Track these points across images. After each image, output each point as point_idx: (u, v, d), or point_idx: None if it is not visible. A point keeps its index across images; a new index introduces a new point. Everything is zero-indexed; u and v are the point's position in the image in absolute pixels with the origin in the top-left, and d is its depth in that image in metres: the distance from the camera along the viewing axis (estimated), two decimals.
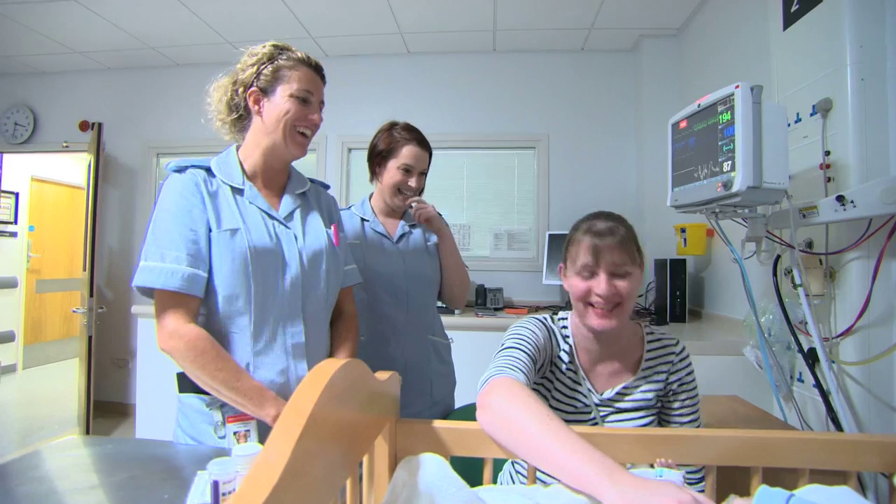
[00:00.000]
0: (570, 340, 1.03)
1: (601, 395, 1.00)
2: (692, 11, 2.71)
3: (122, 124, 3.55)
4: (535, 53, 3.28)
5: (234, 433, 0.96)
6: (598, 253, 0.94)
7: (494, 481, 1.04)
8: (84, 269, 3.08)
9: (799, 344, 1.40)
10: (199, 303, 0.97)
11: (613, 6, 2.70)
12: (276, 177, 1.11)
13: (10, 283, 4.61)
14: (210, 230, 0.98)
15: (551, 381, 1.02)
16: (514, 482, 1.04)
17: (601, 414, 1.00)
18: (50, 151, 3.71)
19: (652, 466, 0.73)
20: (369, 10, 2.80)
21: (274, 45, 1.07)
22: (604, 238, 0.95)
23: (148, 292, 0.96)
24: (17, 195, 4.64)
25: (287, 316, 1.02)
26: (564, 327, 1.05)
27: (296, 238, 1.06)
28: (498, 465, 1.09)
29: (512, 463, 1.08)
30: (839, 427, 1.26)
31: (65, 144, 3.58)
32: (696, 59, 2.71)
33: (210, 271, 0.97)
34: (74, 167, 5.23)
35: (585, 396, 1.00)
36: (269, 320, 1.00)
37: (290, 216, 1.08)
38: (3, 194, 4.47)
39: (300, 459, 0.42)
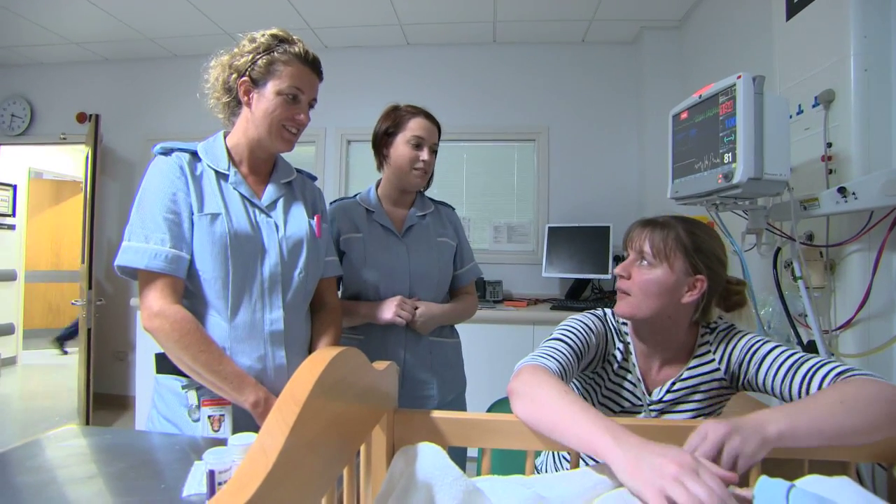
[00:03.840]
0: (629, 338, 1.02)
1: (651, 395, 0.98)
2: (694, 3, 2.68)
3: (120, 116, 3.52)
4: (535, 45, 3.25)
5: (209, 417, 0.97)
6: (629, 235, 0.98)
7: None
8: (83, 262, 3.07)
9: (798, 337, 1.40)
10: (182, 284, 0.97)
11: None
12: (262, 165, 1.11)
13: (9, 276, 4.61)
14: (192, 213, 0.98)
15: (602, 377, 1.02)
16: (556, 469, 1.03)
17: (652, 413, 0.98)
18: (47, 143, 3.70)
19: None
20: (369, 0, 2.77)
21: (273, 35, 1.05)
22: (645, 226, 0.96)
23: (130, 272, 0.96)
24: (14, 187, 4.63)
25: (266, 303, 1.02)
26: (624, 323, 1.03)
27: (277, 227, 1.06)
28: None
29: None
30: None
31: (62, 136, 3.55)
32: (698, 50, 2.69)
33: (191, 254, 0.97)
34: (72, 159, 5.22)
35: (637, 396, 0.99)
36: (247, 306, 1.00)
37: (272, 205, 1.08)
38: (0, 187, 4.46)
39: (295, 448, 0.42)
